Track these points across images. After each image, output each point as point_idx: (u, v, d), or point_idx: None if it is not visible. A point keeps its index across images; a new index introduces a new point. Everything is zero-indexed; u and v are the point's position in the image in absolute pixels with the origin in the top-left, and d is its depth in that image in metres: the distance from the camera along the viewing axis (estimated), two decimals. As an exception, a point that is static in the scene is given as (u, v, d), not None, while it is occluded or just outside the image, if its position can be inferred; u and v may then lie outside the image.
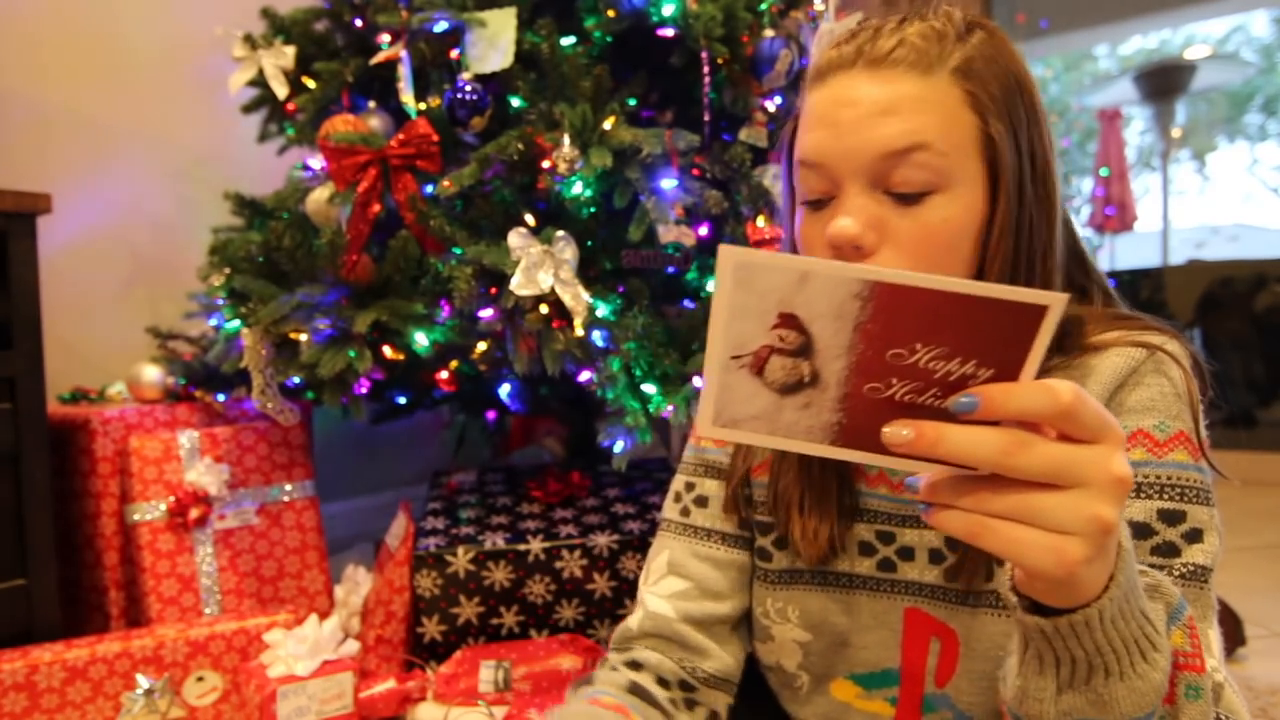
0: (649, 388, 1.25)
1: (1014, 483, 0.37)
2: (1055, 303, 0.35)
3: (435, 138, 1.30)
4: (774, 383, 0.41)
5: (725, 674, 0.74)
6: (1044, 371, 0.62)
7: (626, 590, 1.43)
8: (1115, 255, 5.33)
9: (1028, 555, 0.37)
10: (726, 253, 0.38)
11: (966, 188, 0.60)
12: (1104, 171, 5.11)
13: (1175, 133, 5.16)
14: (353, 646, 1.23)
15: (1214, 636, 0.56)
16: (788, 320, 0.39)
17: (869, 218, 0.59)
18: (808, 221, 0.64)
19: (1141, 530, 0.58)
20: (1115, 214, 5.06)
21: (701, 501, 0.76)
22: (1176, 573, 0.57)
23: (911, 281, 0.36)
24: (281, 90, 1.51)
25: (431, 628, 1.40)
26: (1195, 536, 0.57)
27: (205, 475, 1.50)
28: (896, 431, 0.38)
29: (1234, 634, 1.49)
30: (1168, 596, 0.47)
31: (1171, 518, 0.58)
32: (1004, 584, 0.45)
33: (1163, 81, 4.67)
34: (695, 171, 1.33)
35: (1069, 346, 0.64)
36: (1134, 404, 0.61)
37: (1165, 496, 0.58)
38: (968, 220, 0.60)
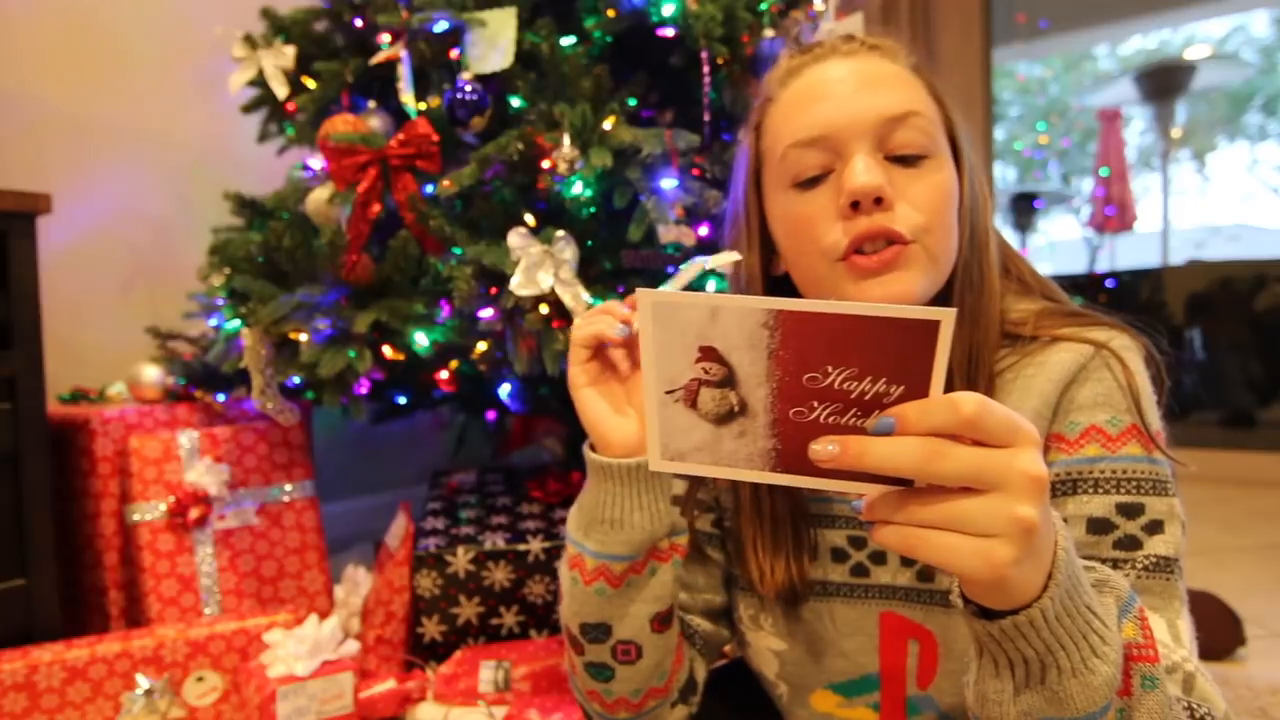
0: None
1: (940, 493, 0.39)
2: (946, 318, 0.36)
3: (435, 138, 1.30)
4: (708, 414, 0.43)
5: (704, 635, 0.75)
6: (996, 367, 0.65)
7: (626, 590, 1.42)
8: (1115, 255, 5.33)
9: (959, 561, 0.38)
10: (643, 294, 0.41)
11: (948, 158, 0.65)
12: (1104, 171, 5.11)
13: (1175, 133, 5.16)
14: (353, 646, 1.23)
15: (1184, 626, 0.56)
16: (709, 353, 0.41)
17: (882, 173, 0.61)
18: (804, 201, 0.65)
19: (1101, 525, 0.59)
20: (1115, 214, 5.05)
21: (677, 501, 0.77)
22: (1140, 565, 0.57)
23: (811, 308, 0.38)
24: (281, 90, 1.51)
25: (431, 628, 1.40)
26: (1155, 528, 0.58)
27: (205, 475, 1.50)
28: (823, 448, 0.40)
29: (1234, 634, 1.49)
30: (1117, 590, 0.47)
31: (1130, 511, 0.58)
32: (954, 591, 0.45)
33: (1163, 81, 4.66)
34: (695, 171, 1.33)
35: (1019, 344, 0.66)
36: (1084, 400, 0.62)
37: (1122, 490, 0.59)
38: (955, 185, 0.65)
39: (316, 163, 1.51)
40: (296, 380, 1.37)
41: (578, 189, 1.23)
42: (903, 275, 0.61)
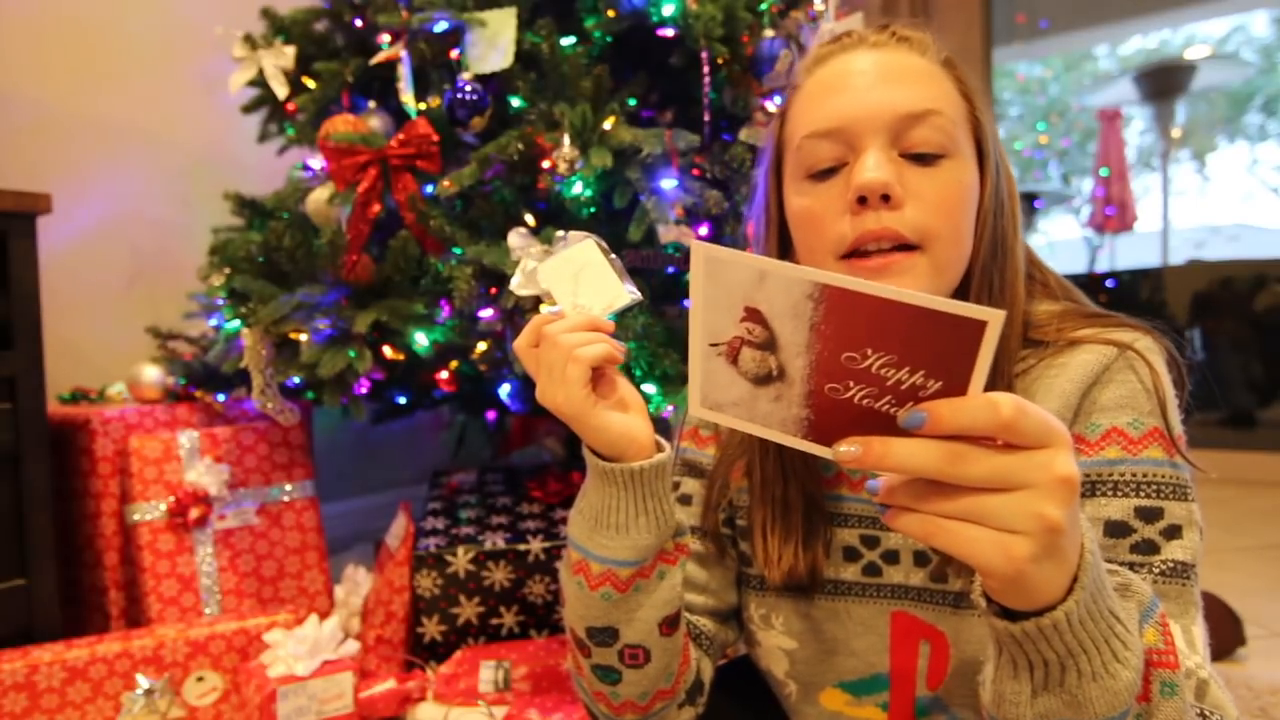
0: (649, 388, 1.25)
1: (965, 486, 0.38)
2: (994, 319, 0.36)
3: (435, 138, 1.30)
4: (747, 373, 0.43)
5: (711, 636, 0.75)
6: (1017, 369, 0.64)
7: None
8: (1115, 255, 5.33)
9: (978, 553, 0.38)
10: (697, 247, 0.41)
11: (969, 160, 0.63)
12: (1104, 171, 5.11)
13: (1175, 133, 5.16)
14: (353, 646, 1.23)
15: (1198, 633, 0.56)
16: (753, 315, 0.41)
17: (893, 170, 0.60)
18: (815, 192, 0.64)
19: (1119, 528, 0.58)
20: (1115, 214, 5.05)
21: (685, 500, 0.77)
22: (1157, 570, 0.57)
23: (858, 287, 0.38)
24: (281, 90, 1.51)
25: (431, 628, 1.40)
26: (1174, 533, 0.58)
27: (205, 475, 1.50)
28: (846, 450, 0.40)
29: (1234, 634, 1.49)
30: (1139, 595, 0.47)
31: (1149, 515, 0.58)
32: (976, 590, 0.45)
33: (1163, 81, 4.66)
34: (695, 171, 1.33)
35: (1040, 345, 0.65)
36: (1106, 402, 0.61)
37: (1142, 494, 0.58)
38: (974, 188, 0.63)
39: (316, 163, 1.51)
40: (296, 380, 1.37)
41: (578, 189, 1.23)
42: (900, 281, 0.60)
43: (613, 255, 0.64)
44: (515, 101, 1.32)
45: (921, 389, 0.38)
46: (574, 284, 0.64)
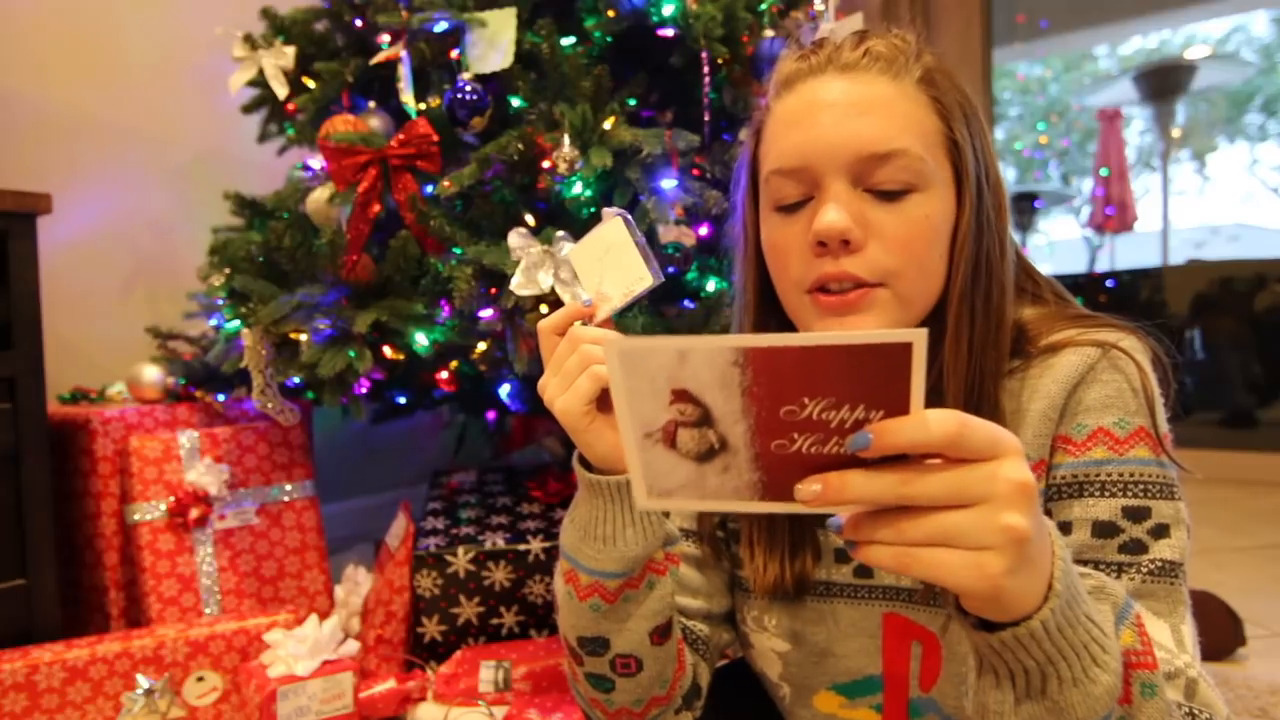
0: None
1: (926, 509, 0.38)
2: (918, 339, 0.36)
3: (435, 138, 1.30)
4: (688, 453, 0.42)
5: (707, 640, 0.74)
6: (1006, 375, 0.63)
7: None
8: (1115, 255, 5.34)
9: (953, 576, 0.38)
10: (609, 344, 0.40)
11: (941, 188, 0.62)
12: (1104, 171, 5.11)
13: (1175, 133, 5.17)
14: (353, 646, 1.23)
15: (1187, 632, 0.56)
16: (681, 395, 0.40)
17: (854, 213, 0.60)
18: (781, 226, 0.64)
19: (1107, 529, 0.58)
20: (1115, 214, 5.05)
21: None
22: (1145, 569, 0.57)
23: (779, 342, 0.38)
24: (281, 90, 1.51)
25: (431, 628, 1.40)
26: (1162, 532, 0.58)
27: (205, 475, 1.50)
28: (807, 488, 0.40)
29: (1234, 634, 1.49)
30: (1113, 597, 0.47)
31: (1136, 514, 0.58)
32: (953, 604, 0.45)
33: (1163, 81, 4.67)
34: (695, 171, 1.33)
35: (1025, 350, 0.64)
36: (1092, 402, 0.61)
37: (1129, 494, 0.59)
38: (945, 218, 0.62)
39: (316, 163, 1.51)
40: (296, 380, 1.37)
41: (578, 189, 1.23)
42: (865, 318, 0.60)
43: (639, 235, 0.62)
44: (515, 101, 1.32)
45: (866, 421, 0.38)
46: (599, 266, 0.62)
